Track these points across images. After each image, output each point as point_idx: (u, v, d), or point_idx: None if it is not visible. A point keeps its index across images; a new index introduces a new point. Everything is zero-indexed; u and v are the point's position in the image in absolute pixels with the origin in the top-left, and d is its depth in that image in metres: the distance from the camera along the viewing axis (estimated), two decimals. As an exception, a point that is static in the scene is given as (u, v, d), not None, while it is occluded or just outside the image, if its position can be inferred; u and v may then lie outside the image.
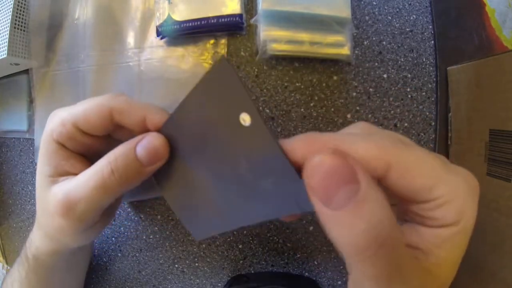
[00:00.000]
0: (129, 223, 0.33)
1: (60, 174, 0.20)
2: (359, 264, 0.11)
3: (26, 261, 0.24)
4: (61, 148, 0.20)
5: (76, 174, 0.19)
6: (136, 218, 0.33)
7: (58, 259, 0.24)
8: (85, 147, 0.21)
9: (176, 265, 0.33)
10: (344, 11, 0.28)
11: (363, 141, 0.13)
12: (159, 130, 0.18)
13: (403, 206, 0.14)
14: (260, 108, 0.31)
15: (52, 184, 0.19)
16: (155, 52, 0.32)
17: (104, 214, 0.21)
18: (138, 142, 0.17)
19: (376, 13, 0.32)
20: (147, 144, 0.17)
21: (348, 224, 0.11)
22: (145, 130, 0.19)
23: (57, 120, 0.20)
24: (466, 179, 0.14)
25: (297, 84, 0.31)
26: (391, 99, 0.32)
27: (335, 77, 0.31)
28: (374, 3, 0.32)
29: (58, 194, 0.19)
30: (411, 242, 0.14)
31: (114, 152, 0.18)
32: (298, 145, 0.13)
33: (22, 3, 0.32)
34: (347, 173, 0.11)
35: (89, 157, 0.22)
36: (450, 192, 0.13)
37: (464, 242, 0.14)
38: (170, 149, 0.17)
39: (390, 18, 0.32)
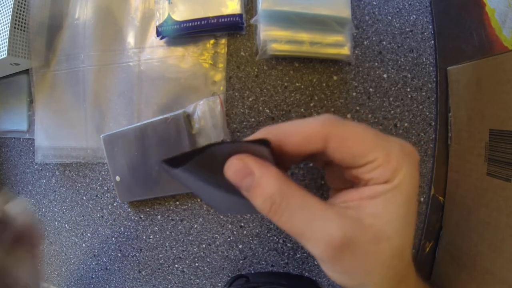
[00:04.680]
0: (129, 223, 0.33)
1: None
2: (277, 224, 0.16)
3: None
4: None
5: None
6: (136, 218, 0.33)
7: None
8: None
9: (176, 265, 0.33)
10: (344, 11, 0.28)
11: (306, 122, 0.17)
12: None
13: (346, 172, 0.18)
14: (260, 108, 0.31)
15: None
16: (155, 52, 0.32)
17: None
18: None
19: (376, 13, 0.32)
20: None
21: (255, 200, 0.16)
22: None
23: None
24: (401, 145, 0.16)
25: (297, 84, 0.31)
26: (391, 99, 0.32)
27: (335, 77, 0.31)
28: (374, 3, 0.32)
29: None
30: (347, 199, 0.17)
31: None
32: (258, 136, 0.17)
33: (22, 3, 0.32)
34: (245, 170, 0.16)
35: None
36: (383, 156, 0.16)
37: (400, 198, 0.16)
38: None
39: (390, 18, 0.32)
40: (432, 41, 0.32)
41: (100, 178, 0.34)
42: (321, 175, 0.32)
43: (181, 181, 0.20)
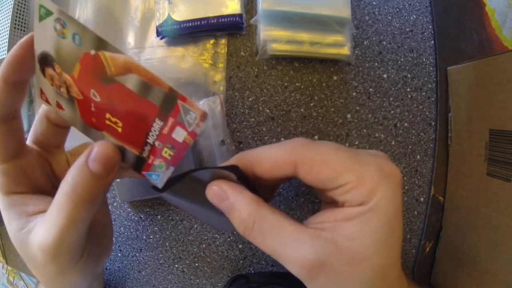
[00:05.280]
0: (129, 223, 0.33)
1: (28, 221, 0.18)
2: (253, 241, 0.17)
3: None
4: (15, 196, 0.19)
5: (40, 209, 0.18)
6: (136, 218, 0.33)
7: None
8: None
9: (176, 265, 0.33)
10: (344, 11, 0.28)
11: (275, 148, 0.17)
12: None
13: (321, 193, 0.18)
14: (260, 108, 0.31)
15: (27, 236, 0.18)
16: (155, 52, 0.32)
17: (97, 244, 0.21)
18: (87, 158, 0.16)
19: (376, 13, 0.32)
20: (97, 156, 0.16)
21: (232, 222, 0.17)
22: None
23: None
24: (379, 167, 0.16)
25: (297, 84, 0.31)
26: (391, 99, 0.32)
27: (335, 77, 0.31)
28: (374, 3, 0.32)
29: (35, 245, 0.17)
30: (324, 219, 0.17)
31: (68, 181, 0.16)
32: (232, 162, 0.18)
33: (22, 3, 0.32)
34: (222, 195, 0.17)
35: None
36: (356, 179, 0.16)
37: (377, 220, 0.16)
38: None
39: (390, 18, 0.32)
40: (432, 41, 0.32)
41: (100, 178, 0.34)
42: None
43: (172, 202, 0.20)
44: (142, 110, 0.15)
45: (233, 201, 0.17)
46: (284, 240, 0.16)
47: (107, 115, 0.16)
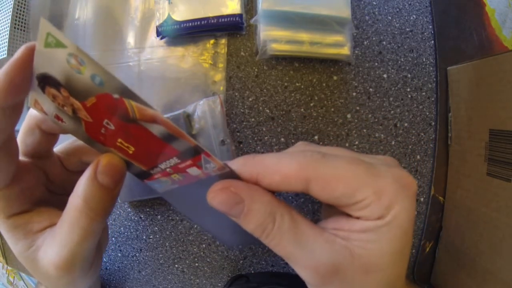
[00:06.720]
0: (129, 223, 0.33)
1: (34, 238, 0.18)
2: (269, 243, 0.16)
3: None
4: (16, 217, 0.18)
5: (46, 225, 0.18)
6: (136, 218, 0.33)
7: None
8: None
9: (176, 265, 0.33)
10: (344, 11, 0.28)
11: (285, 160, 0.16)
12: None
13: (335, 207, 0.17)
14: (260, 108, 0.31)
15: (36, 254, 0.18)
16: (155, 52, 0.32)
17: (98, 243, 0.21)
18: (95, 172, 0.16)
19: (376, 13, 0.32)
20: (105, 169, 0.16)
21: (246, 226, 0.16)
22: None
23: None
24: (396, 178, 0.16)
25: (297, 84, 0.31)
26: (391, 99, 0.32)
27: (335, 77, 0.31)
28: (374, 3, 0.32)
29: (46, 262, 0.17)
30: (338, 227, 0.16)
31: (79, 196, 0.16)
32: (236, 167, 0.16)
33: (22, 3, 0.32)
34: (233, 199, 0.15)
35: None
36: (373, 194, 0.15)
37: (394, 233, 0.15)
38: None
39: (390, 18, 0.32)
40: (432, 41, 0.32)
41: (100, 178, 0.34)
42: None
43: (169, 200, 0.20)
44: (161, 150, 0.15)
45: (250, 203, 0.15)
46: (300, 243, 0.15)
47: (119, 140, 0.15)
